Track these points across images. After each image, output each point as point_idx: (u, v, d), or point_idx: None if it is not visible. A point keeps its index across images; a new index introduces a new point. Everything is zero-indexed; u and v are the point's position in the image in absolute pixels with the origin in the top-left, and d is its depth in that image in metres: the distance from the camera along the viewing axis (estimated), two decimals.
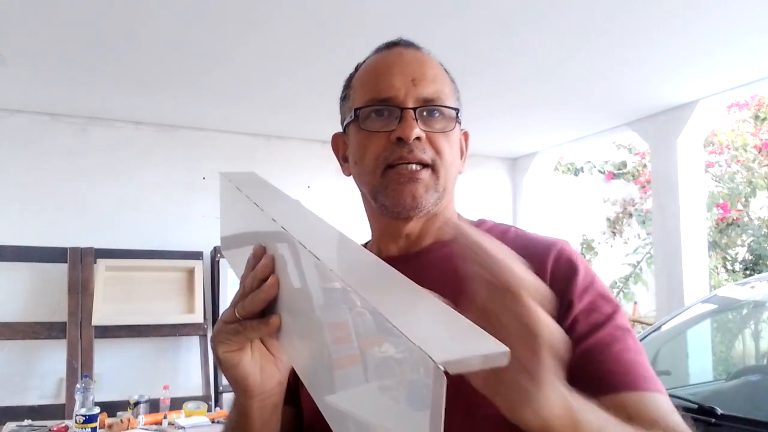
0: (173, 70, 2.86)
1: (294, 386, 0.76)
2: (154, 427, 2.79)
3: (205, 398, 3.29)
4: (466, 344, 0.36)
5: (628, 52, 2.63)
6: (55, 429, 2.62)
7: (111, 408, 2.90)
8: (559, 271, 0.69)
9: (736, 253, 5.53)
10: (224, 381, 3.53)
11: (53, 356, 3.26)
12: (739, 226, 5.24)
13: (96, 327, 3.27)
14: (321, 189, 4.00)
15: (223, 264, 3.65)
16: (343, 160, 0.83)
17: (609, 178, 5.70)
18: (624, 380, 0.62)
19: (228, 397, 3.52)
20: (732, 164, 5.22)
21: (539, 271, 0.65)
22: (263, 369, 0.62)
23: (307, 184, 3.99)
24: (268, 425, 0.66)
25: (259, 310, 0.58)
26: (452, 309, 0.41)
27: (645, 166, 5.39)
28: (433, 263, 0.74)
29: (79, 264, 3.36)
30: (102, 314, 3.29)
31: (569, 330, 0.64)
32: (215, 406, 3.40)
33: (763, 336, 2.98)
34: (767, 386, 2.51)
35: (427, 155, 0.72)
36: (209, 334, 3.57)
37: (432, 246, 0.77)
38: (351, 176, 0.81)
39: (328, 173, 4.07)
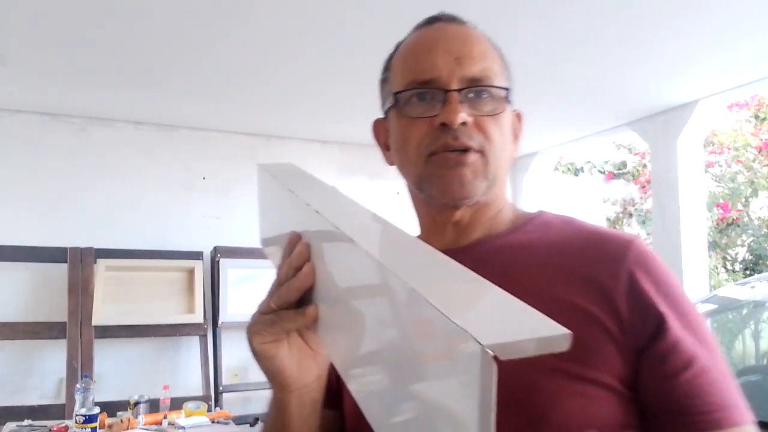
0: (173, 70, 2.86)
1: (336, 387, 0.72)
2: (154, 427, 2.79)
3: (205, 398, 3.29)
4: (520, 326, 0.33)
5: (628, 52, 2.63)
6: (55, 429, 2.62)
7: (111, 408, 2.90)
8: (637, 274, 0.61)
9: (736, 253, 5.53)
10: (224, 381, 3.53)
11: (53, 356, 3.26)
12: (739, 226, 5.24)
13: (96, 327, 3.27)
14: None
15: (223, 264, 3.65)
16: (385, 148, 0.77)
17: (609, 178, 5.70)
18: (729, 415, 0.56)
19: (228, 398, 3.52)
20: (732, 164, 5.22)
21: (613, 270, 0.61)
22: (300, 363, 0.60)
23: None
24: (307, 422, 0.63)
25: (294, 300, 0.55)
26: (502, 291, 0.37)
27: (645, 166, 5.39)
28: (484, 257, 0.68)
29: (79, 264, 3.36)
30: (102, 314, 3.29)
31: (671, 351, 0.58)
32: (215, 406, 3.40)
33: (763, 336, 2.98)
34: (767, 386, 2.51)
35: (475, 141, 0.65)
36: (209, 334, 3.57)
37: (483, 239, 0.71)
38: (394, 166, 0.75)
39: (328, 173, 4.07)
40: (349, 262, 0.47)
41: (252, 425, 3.37)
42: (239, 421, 3.15)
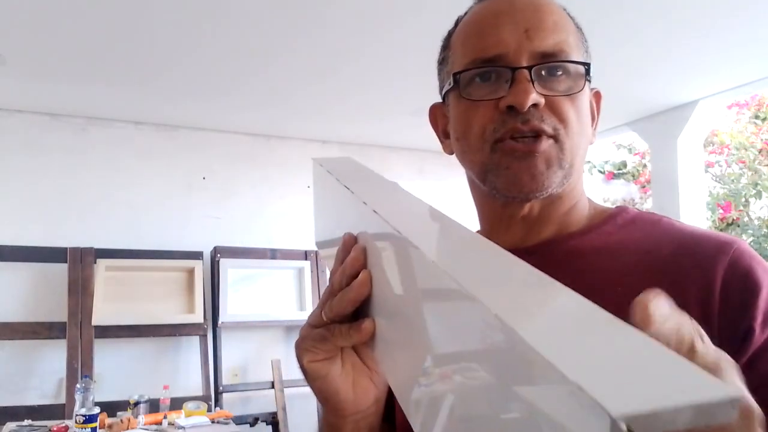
0: (173, 70, 2.86)
1: (389, 398, 0.61)
2: (154, 427, 2.79)
3: (205, 398, 3.29)
4: (665, 385, 0.22)
5: (628, 52, 2.63)
6: (55, 429, 2.62)
7: (111, 408, 2.90)
8: (733, 285, 0.52)
9: None
10: (224, 381, 3.52)
11: (53, 356, 3.26)
12: (739, 226, 5.24)
13: (96, 327, 3.27)
14: None
15: (223, 264, 3.65)
16: (444, 135, 0.68)
17: (609, 178, 5.70)
18: None
19: (228, 398, 3.52)
20: (733, 164, 5.22)
21: (708, 281, 0.52)
22: (356, 383, 0.52)
23: (307, 184, 3.99)
24: None
25: (349, 312, 0.47)
26: (628, 325, 0.27)
27: (645, 166, 5.39)
28: (557, 259, 0.59)
29: (79, 264, 3.36)
30: (102, 314, 3.29)
31: (747, 367, 0.48)
32: (215, 406, 3.39)
33: None
34: None
35: (548, 125, 0.57)
36: (209, 334, 3.57)
37: (554, 238, 0.62)
38: (453, 155, 0.67)
39: None
40: (412, 270, 0.39)
41: (252, 425, 3.37)
42: (239, 421, 3.16)
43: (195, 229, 3.75)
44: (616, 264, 0.57)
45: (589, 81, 0.62)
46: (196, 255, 3.62)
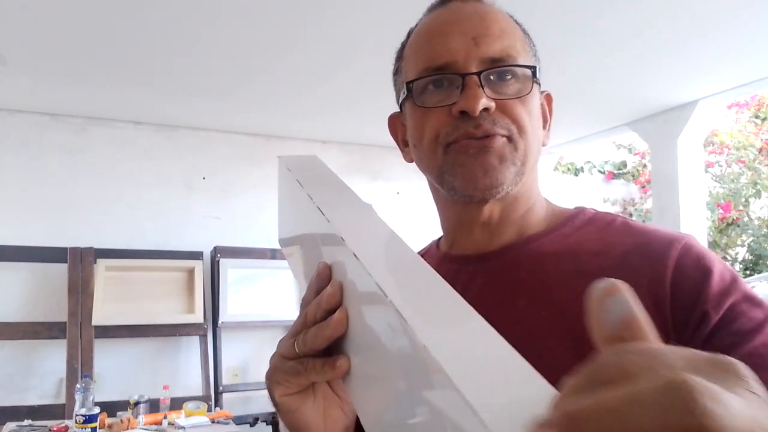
0: (173, 70, 2.86)
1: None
2: (154, 427, 2.79)
3: (205, 398, 3.29)
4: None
5: (628, 52, 2.63)
6: (55, 429, 2.62)
7: (111, 408, 2.90)
8: (685, 275, 0.54)
9: (736, 253, 5.53)
10: (224, 381, 3.53)
11: (53, 356, 3.26)
12: (739, 226, 5.24)
13: (96, 327, 3.27)
14: None
15: (223, 264, 3.65)
16: (403, 144, 0.70)
17: (609, 178, 5.70)
18: None
19: (228, 398, 3.52)
20: (732, 164, 5.22)
21: (658, 275, 0.54)
22: (327, 414, 0.52)
23: None
24: None
25: (322, 348, 0.46)
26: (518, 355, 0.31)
27: (645, 166, 5.39)
28: (518, 263, 0.61)
29: (79, 264, 3.36)
30: (102, 314, 3.29)
31: (703, 346, 0.48)
32: (215, 406, 3.39)
33: None
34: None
35: (500, 127, 0.59)
36: (209, 334, 3.57)
37: (515, 242, 0.64)
38: (413, 163, 0.69)
39: None
40: (371, 303, 0.40)
41: (252, 425, 3.37)
42: (239, 421, 3.16)
43: (195, 229, 3.75)
44: (573, 265, 0.59)
45: (538, 84, 0.63)
46: (196, 255, 3.62)
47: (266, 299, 3.68)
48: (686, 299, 0.53)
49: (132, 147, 3.69)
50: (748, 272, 5.30)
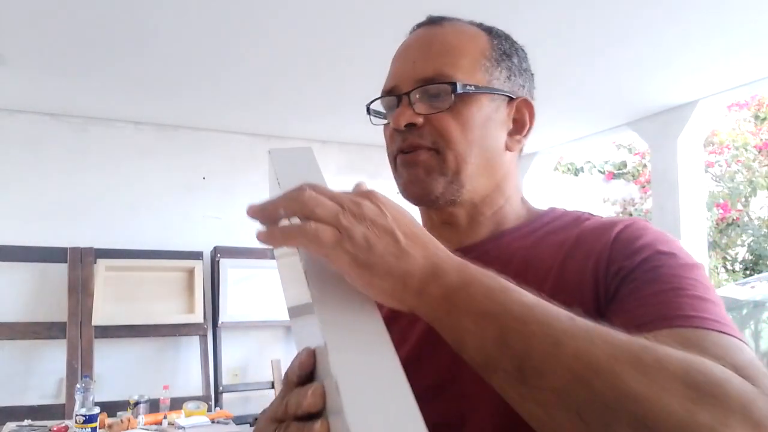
0: (173, 71, 2.86)
1: None
2: (154, 427, 2.79)
3: (205, 398, 3.29)
4: None
5: (628, 52, 2.63)
6: (55, 429, 2.62)
7: (111, 408, 2.90)
8: (620, 243, 0.58)
9: (736, 253, 5.54)
10: (224, 381, 3.53)
11: (53, 356, 3.26)
12: (739, 226, 5.24)
13: (96, 327, 3.27)
14: None
15: (223, 264, 3.65)
16: None
17: (609, 178, 5.70)
18: (677, 315, 0.49)
19: (228, 398, 3.52)
20: (732, 164, 5.22)
21: (601, 248, 0.59)
22: None
23: None
24: None
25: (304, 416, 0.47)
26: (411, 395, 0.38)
27: (645, 166, 5.39)
28: (492, 256, 0.65)
29: (79, 264, 3.36)
30: (102, 314, 3.29)
31: (621, 283, 0.55)
32: (215, 406, 3.40)
33: (763, 336, 2.98)
34: None
35: (426, 140, 0.65)
36: (209, 334, 3.57)
37: (489, 237, 0.69)
38: None
39: (328, 173, 4.05)
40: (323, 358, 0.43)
41: (252, 425, 3.37)
42: (239, 421, 3.16)
43: (195, 229, 3.75)
44: (541, 255, 0.64)
45: (478, 94, 0.66)
46: (196, 255, 3.62)
47: (266, 299, 3.67)
48: (619, 261, 0.57)
49: (132, 147, 3.69)
50: (748, 272, 5.30)
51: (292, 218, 0.45)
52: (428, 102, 0.65)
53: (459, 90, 0.65)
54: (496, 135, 0.68)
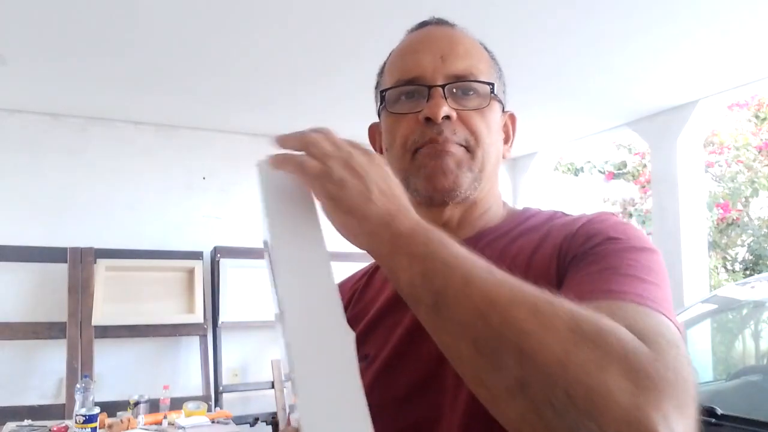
0: (173, 70, 2.86)
1: None
2: (154, 427, 2.79)
3: (205, 398, 3.29)
4: None
5: (628, 52, 2.63)
6: (55, 429, 2.62)
7: (111, 408, 2.90)
8: (584, 229, 0.63)
9: (736, 253, 5.54)
10: (224, 381, 3.53)
11: (53, 356, 3.26)
12: (739, 226, 5.24)
13: (96, 327, 3.27)
14: None
15: (223, 264, 3.64)
16: (380, 151, 0.77)
17: (609, 178, 5.70)
18: (602, 290, 0.52)
19: (228, 398, 3.52)
20: (732, 164, 5.22)
21: (564, 236, 0.63)
22: None
23: None
24: None
25: None
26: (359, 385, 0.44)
27: (645, 166, 5.39)
28: (476, 252, 0.69)
29: (79, 264, 3.36)
30: (102, 314, 3.29)
31: (571, 263, 0.60)
32: (215, 406, 3.39)
33: (763, 336, 2.98)
34: (767, 386, 2.51)
35: (459, 136, 0.67)
36: (209, 334, 3.57)
37: (471, 238, 0.70)
38: None
39: None
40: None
41: (252, 425, 3.37)
42: (239, 421, 3.16)
43: (195, 229, 3.75)
44: (513, 251, 0.67)
45: (498, 101, 0.71)
46: (196, 255, 3.62)
47: (266, 299, 3.67)
48: (574, 248, 0.61)
49: (132, 147, 3.69)
50: (748, 272, 5.30)
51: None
52: (456, 98, 0.68)
53: (495, 92, 0.69)
54: (500, 141, 0.74)
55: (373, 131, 0.80)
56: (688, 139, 3.40)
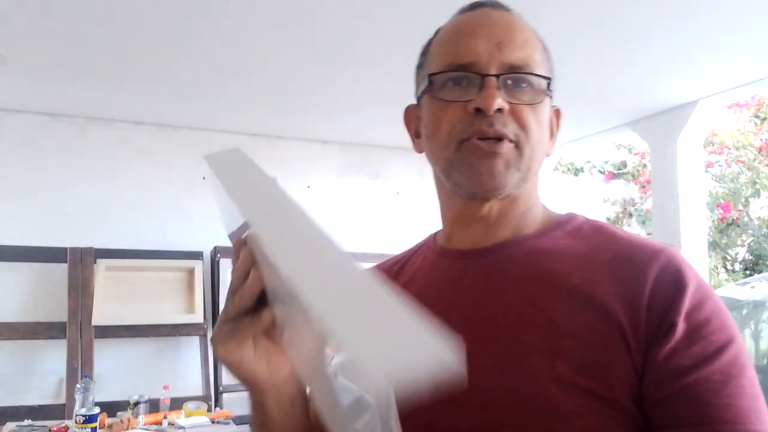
0: (173, 70, 2.86)
1: None
2: (154, 427, 2.79)
3: (205, 398, 3.29)
4: (413, 349, 0.31)
5: (628, 52, 2.63)
6: (55, 429, 2.62)
7: (111, 408, 2.90)
8: (662, 286, 0.57)
9: (736, 253, 5.54)
10: (224, 381, 3.52)
11: (53, 356, 3.26)
12: (739, 226, 5.24)
13: (96, 327, 3.27)
14: (321, 189, 4.00)
15: (223, 264, 3.64)
16: (416, 135, 0.73)
17: (609, 178, 5.70)
18: (729, 428, 0.51)
19: (228, 398, 3.52)
20: (733, 164, 5.22)
21: (638, 283, 0.57)
22: (270, 362, 0.58)
23: (307, 184, 3.99)
24: (290, 417, 0.62)
25: (249, 306, 0.53)
26: (404, 304, 0.36)
27: (645, 166, 5.39)
28: (511, 260, 0.65)
29: (79, 264, 3.36)
30: (102, 314, 3.29)
31: (667, 359, 0.54)
32: (215, 406, 3.39)
33: (763, 336, 2.98)
34: (767, 386, 2.51)
35: (510, 130, 0.62)
36: (209, 334, 3.57)
37: (509, 240, 0.67)
38: (423, 153, 0.72)
39: (328, 173, 4.06)
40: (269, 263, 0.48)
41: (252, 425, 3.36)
42: (239, 421, 3.15)
43: (195, 229, 3.75)
44: (561, 266, 0.62)
45: (551, 97, 0.68)
46: (196, 255, 3.62)
47: None
48: (659, 310, 0.56)
49: (132, 147, 3.69)
50: (748, 272, 5.30)
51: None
52: (508, 90, 0.63)
53: (551, 88, 0.66)
54: (548, 138, 0.70)
55: (410, 114, 0.74)
56: (688, 139, 3.40)
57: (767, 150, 5.02)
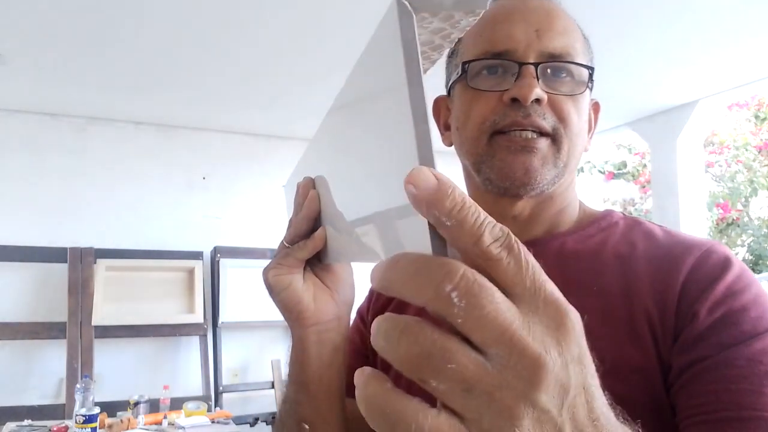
0: (173, 70, 2.86)
1: (373, 359, 0.68)
2: (154, 427, 2.79)
3: (205, 398, 3.29)
4: None
5: (628, 52, 2.63)
6: (55, 429, 2.62)
7: (111, 408, 2.89)
8: (697, 277, 0.54)
9: (736, 254, 5.53)
10: (224, 381, 3.52)
11: (53, 356, 3.26)
12: (739, 226, 5.24)
13: (96, 327, 3.27)
14: None
15: (223, 264, 3.64)
16: (444, 128, 0.69)
17: (609, 178, 5.70)
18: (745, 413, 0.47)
19: (228, 398, 3.52)
20: (732, 164, 5.22)
21: (672, 276, 0.54)
22: (317, 297, 0.58)
23: None
24: (329, 368, 0.59)
25: (305, 231, 0.54)
26: None
27: (645, 166, 5.39)
28: (542, 257, 0.62)
29: (79, 264, 3.36)
30: (102, 314, 3.29)
31: (687, 348, 0.51)
32: (215, 406, 3.39)
33: None
34: None
35: (548, 122, 0.59)
36: (209, 334, 3.57)
37: (544, 237, 0.64)
38: (452, 146, 0.67)
39: None
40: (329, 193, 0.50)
41: (252, 425, 3.37)
42: (239, 421, 3.16)
43: (195, 229, 3.75)
44: (595, 265, 0.60)
45: (591, 88, 0.64)
46: (196, 255, 3.62)
47: (266, 299, 3.66)
48: (689, 300, 0.53)
49: (132, 147, 3.69)
50: None
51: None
52: (547, 80, 0.60)
53: (592, 79, 0.62)
54: (586, 131, 0.65)
55: (439, 105, 0.71)
56: (688, 139, 3.40)
57: (767, 150, 5.02)
